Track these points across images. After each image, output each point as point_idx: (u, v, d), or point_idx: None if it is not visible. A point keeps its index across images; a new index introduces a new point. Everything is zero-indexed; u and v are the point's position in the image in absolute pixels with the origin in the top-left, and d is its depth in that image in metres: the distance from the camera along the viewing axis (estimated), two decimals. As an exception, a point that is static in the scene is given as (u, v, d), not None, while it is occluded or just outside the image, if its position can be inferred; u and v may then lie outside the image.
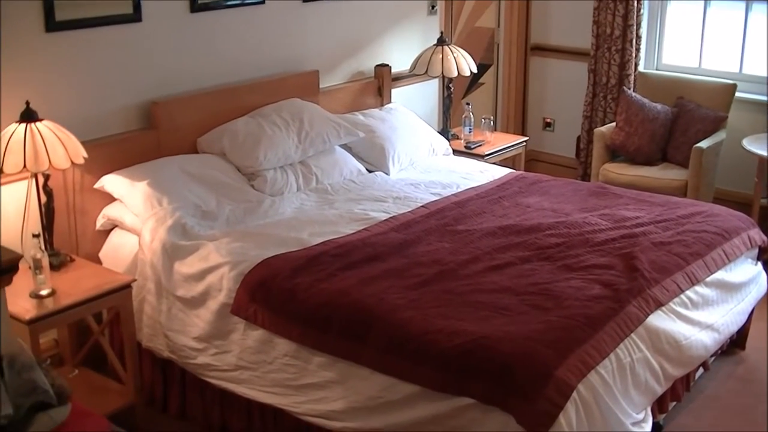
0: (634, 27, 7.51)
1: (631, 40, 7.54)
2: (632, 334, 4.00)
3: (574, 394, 3.54)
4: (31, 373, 2.90)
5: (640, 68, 7.70)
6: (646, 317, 4.12)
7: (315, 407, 4.09)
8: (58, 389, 2.89)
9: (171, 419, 4.80)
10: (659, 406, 4.35)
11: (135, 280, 4.64)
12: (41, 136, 4.39)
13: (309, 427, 4.15)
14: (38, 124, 4.44)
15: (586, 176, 7.79)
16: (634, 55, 7.58)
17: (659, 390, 4.19)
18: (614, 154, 7.19)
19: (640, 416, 3.98)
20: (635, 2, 7.44)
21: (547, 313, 3.96)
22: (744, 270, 5.05)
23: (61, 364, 4.91)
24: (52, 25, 4.83)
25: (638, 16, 7.50)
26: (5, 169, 4.34)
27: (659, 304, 4.24)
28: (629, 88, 7.46)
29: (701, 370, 4.89)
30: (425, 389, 3.72)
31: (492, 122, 7.24)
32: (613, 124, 7.24)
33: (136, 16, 5.24)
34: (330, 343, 4.03)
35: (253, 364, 4.32)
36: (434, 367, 3.69)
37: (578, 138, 8.07)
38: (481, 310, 4.01)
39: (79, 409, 3.00)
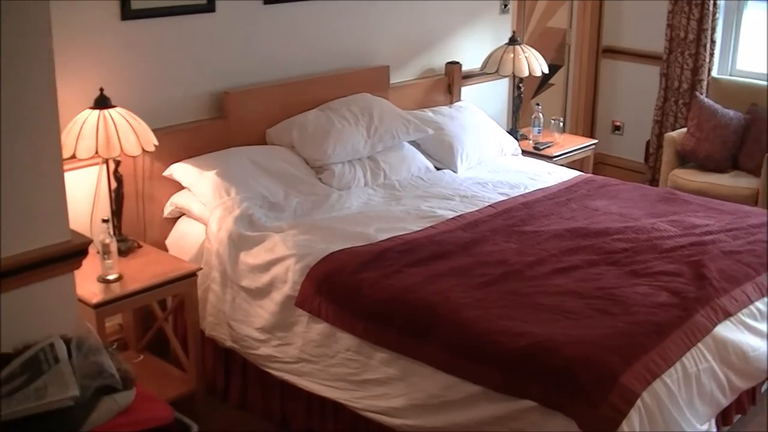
0: (709, 31, 7.41)
1: (705, 45, 7.44)
2: (699, 344, 3.93)
3: (638, 401, 3.49)
4: (98, 357, 2.92)
5: (714, 73, 7.60)
6: (714, 327, 4.05)
7: (375, 403, 4.08)
8: (123, 374, 2.90)
9: (231, 408, 4.81)
10: (723, 418, 4.28)
11: (201, 269, 4.66)
12: (114, 122, 4.43)
13: (368, 423, 4.14)
14: (111, 110, 4.48)
15: (654, 181, 7.71)
16: (707, 59, 7.48)
17: (724, 402, 4.12)
18: (684, 159, 7.10)
19: (704, 427, 3.92)
20: (711, 6, 7.34)
21: (613, 318, 3.92)
22: (815, 282, 4.96)
23: (125, 349, 4.95)
24: (127, 13, 4.87)
25: (713, 20, 7.40)
26: (77, 154, 4.37)
27: (727, 314, 4.16)
28: (701, 94, 7.37)
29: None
30: (487, 390, 3.70)
31: (561, 124, 7.19)
32: (684, 129, 7.16)
33: (209, 6, 5.26)
34: (393, 339, 4.01)
35: (315, 358, 4.32)
36: (497, 368, 3.66)
37: (648, 142, 7.99)
38: (546, 313, 3.97)
39: (144, 394, 3.01)
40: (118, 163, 4.60)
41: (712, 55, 7.52)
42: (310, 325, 4.35)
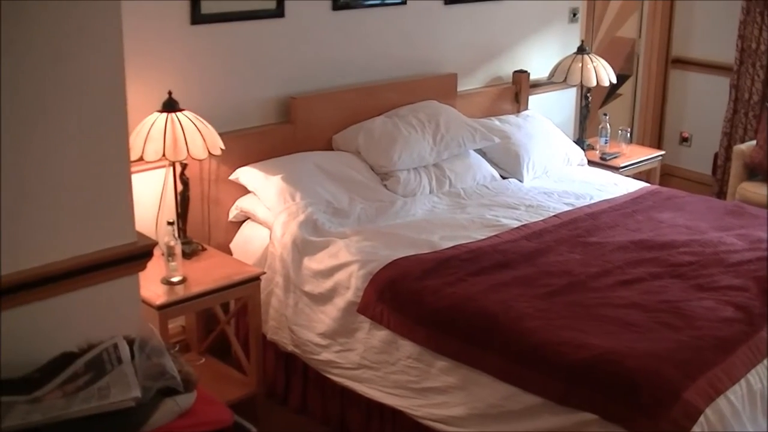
0: (781, 43, 7.32)
1: (777, 56, 7.36)
2: (765, 360, 3.86)
3: (701, 418, 3.43)
4: (160, 358, 2.93)
5: (785, 85, 7.51)
6: (780, 344, 4.00)
7: (434, 411, 4.07)
8: (185, 376, 2.92)
9: (290, 412, 4.83)
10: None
11: (264, 273, 4.68)
12: (181, 125, 4.46)
13: (427, 431, 4.13)
14: (179, 114, 4.52)
15: (721, 194, 7.61)
16: (779, 71, 7.40)
17: (789, 419, 4.07)
18: (752, 173, 7.00)
19: (768, 445, 3.87)
20: (784, 18, 7.26)
21: (677, 332, 3.87)
22: None
23: (187, 351, 4.99)
24: (197, 17, 4.92)
25: (786, 32, 7.32)
26: (145, 156, 4.41)
27: (795, 332, 4.11)
28: (772, 106, 7.28)
29: (834, 402, 4.73)
30: (547, 401, 3.67)
31: (628, 134, 7.14)
32: (753, 142, 7.07)
33: (279, 12, 5.29)
34: (454, 347, 4.00)
35: (376, 364, 4.32)
36: (559, 379, 3.64)
37: (716, 155, 7.89)
38: (609, 325, 3.93)
39: (205, 396, 3.02)
40: (184, 166, 4.64)
41: (784, 67, 7.43)
42: (371, 331, 4.35)
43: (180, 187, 4.67)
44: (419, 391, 4.15)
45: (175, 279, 4.37)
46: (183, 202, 4.69)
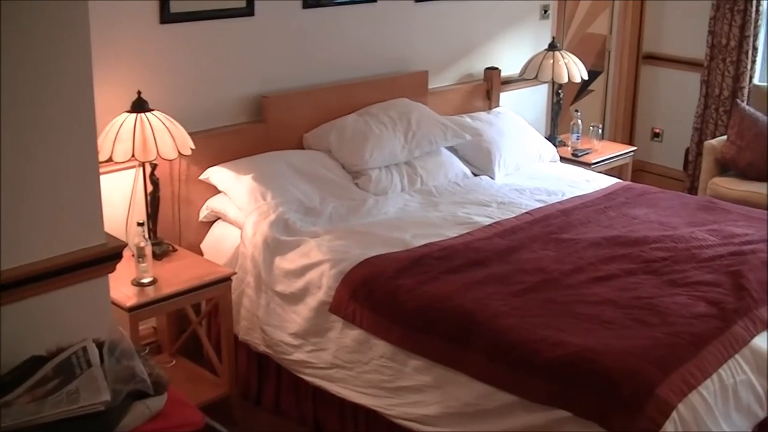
0: (751, 38, 7.33)
1: (747, 52, 7.37)
2: (737, 355, 3.87)
3: (674, 413, 3.44)
4: (130, 361, 2.90)
5: (755, 81, 7.53)
6: (752, 338, 3.99)
7: (409, 411, 4.06)
8: (155, 378, 2.89)
9: (264, 413, 4.81)
10: (761, 430, 4.23)
11: (235, 273, 4.66)
12: (151, 125, 4.44)
13: (401, 431, 4.11)
14: (148, 114, 4.49)
15: (693, 189, 7.64)
16: (749, 67, 7.41)
17: (762, 414, 4.04)
18: (724, 168, 7.02)
19: (741, 440, 3.88)
20: (753, 13, 7.26)
21: (652, 328, 3.87)
22: None
23: (159, 352, 4.97)
24: (166, 16, 4.89)
25: (756, 27, 7.32)
26: (114, 157, 4.39)
27: (766, 325, 4.11)
28: (743, 101, 7.30)
29: (807, 395, 4.74)
30: (523, 399, 3.67)
31: (600, 130, 7.15)
32: (725, 137, 7.09)
33: (248, 10, 5.27)
34: (430, 346, 3.99)
35: (349, 364, 4.31)
36: (534, 377, 3.63)
37: (687, 150, 7.92)
38: (584, 322, 3.93)
39: (176, 399, 2.99)
40: (154, 167, 4.61)
41: (753, 62, 7.45)
42: (344, 331, 4.33)
43: (150, 188, 4.64)
44: (393, 391, 4.13)
45: (145, 280, 4.34)
46: (153, 202, 4.66)
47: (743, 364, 3.90)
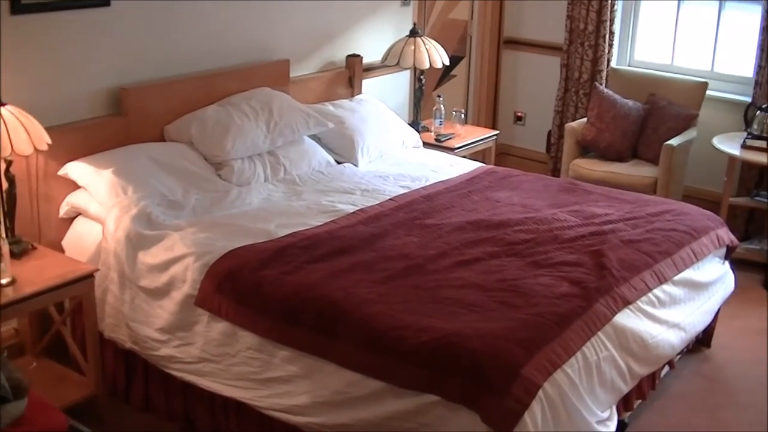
0: (608, 23, 7.50)
1: (604, 36, 7.53)
2: (599, 333, 3.98)
3: (540, 392, 3.51)
4: (-13, 366, 2.85)
5: (613, 64, 7.71)
6: (614, 316, 4.10)
7: (279, 401, 4.05)
8: (14, 383, 2.83)
9: (133, 411, 4.74)
10: (625, 404, 4.33)
11: (98, 270, 4.58)
12: (3, 121, 4.31)
13: (272, 422, 4.10)
14: (1, 108, 4.36)
15: (556, 171, 7.78)
16: (606, 50, 7.58)
17: (625, 388, 4.18)
18: (585, 149, 7.17)
19: (606, 414, 3.96)
20: (609, -2, 7.43)
21: (516, 310, 3.93)
22: (712, 269, 5.05)
23: (22, 354, 4.86)
24: (18, 7, 4.74)
25: (612, 12, 7.50)
26: (-34, 154, 4.27)
27: (627, 303, 4.22)
28: (601, 84, 7.45)
29: (667, 368, 4.88)
30: (391, 386, 3.68)
31: (463, 115, 7.21)
32: (585, 119, 7.24)
33: (104, 1, 5.15)
34: (296, 336, 3.98)
35: (217, 357, 4.27)
36: (401, 364, 3.65)
37: (549, 133, 8.06)
38: (450, 306, 3.97)
39: (38, 402, 2.94)
40: (9, 163, 4.49)
41: (611, 46, 7.62)
42: (210, 324, 4.29)
43: (5, 185, 4.51)
44: (262, 382, 4.12)
45: (4, 281, 4.21)
46: (9, 200, 4.54)
47: (606, 341, 4.01)
